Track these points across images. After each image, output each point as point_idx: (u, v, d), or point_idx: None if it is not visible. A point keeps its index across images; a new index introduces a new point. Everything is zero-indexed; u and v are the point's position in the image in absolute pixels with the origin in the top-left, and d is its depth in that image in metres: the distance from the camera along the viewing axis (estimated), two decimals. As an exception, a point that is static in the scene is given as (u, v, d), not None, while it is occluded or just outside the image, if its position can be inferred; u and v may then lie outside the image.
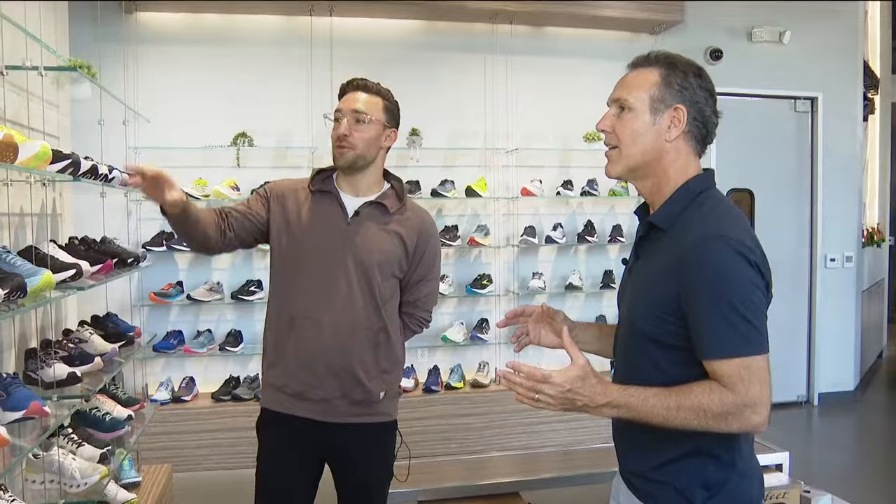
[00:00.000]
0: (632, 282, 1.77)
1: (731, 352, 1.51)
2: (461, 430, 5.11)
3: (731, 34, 6.00)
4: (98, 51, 4.57)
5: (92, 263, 2.72)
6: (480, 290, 5.37)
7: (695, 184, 1.68)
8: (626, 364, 1.74)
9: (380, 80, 5.23)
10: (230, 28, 5.14)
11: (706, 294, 1.53)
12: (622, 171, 1.72)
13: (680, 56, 1.70)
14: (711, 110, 1.69)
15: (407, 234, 2.43)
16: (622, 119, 1.68)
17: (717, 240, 1.55)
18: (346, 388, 2.36)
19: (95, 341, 2.93)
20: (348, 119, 2.35)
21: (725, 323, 1.51)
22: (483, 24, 5.45)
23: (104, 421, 3.05)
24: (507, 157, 5.54)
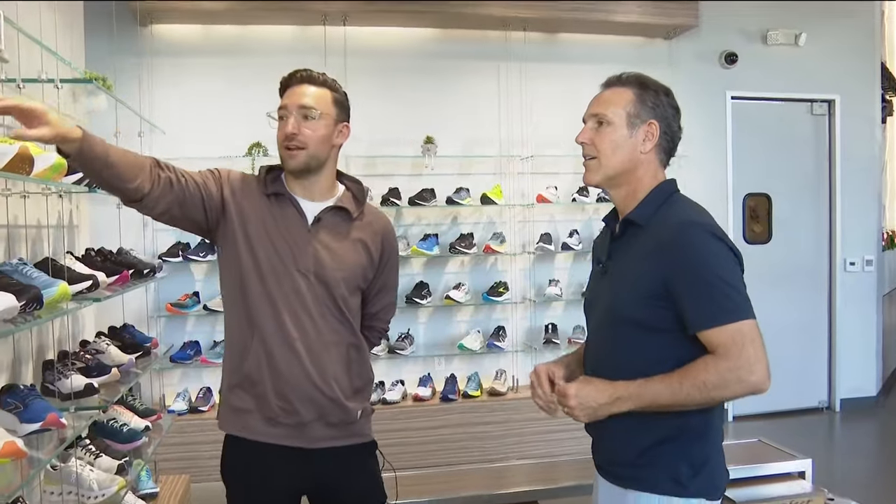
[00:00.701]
0: (609, 280, 1.88)
1: (724, 319, 1.65)
2: (479, 439, 5.08)
3: (746, 37, 5.96)
4: (113, 63, 4.61)
5: (108, 274, 2.72)
6: (497, 298, 5.34)
7: (666, 186, 1.86)
8: (611, 366, 1.80)
9: (394, 87, 5.29)
10: (244, 39, 5.17)
11: (692, 271, 1.68)
12: (601, 180, 1.86)
13: (649, 77, 1.87)
14: (678, 126, 1.88)
15: (371, 241, 2.24)
16: (601, 132, 1.83)
17: (694, 225, 1.73)
18: (322, 409, 2.14)
19: (112, 352, 2.94)
20: (295, 116, 2.10)
21: (715, 293, 1.66)
22: (496, 32, 5.44)
23: (122, 432, 3.04)
24: (522, 164, 5.52)
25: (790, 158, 6.18)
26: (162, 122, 4.84)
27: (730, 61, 5.86)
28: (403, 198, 5.21)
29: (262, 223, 2.13)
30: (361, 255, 2.21)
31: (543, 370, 1.89)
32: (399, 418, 4.99)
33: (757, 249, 6.07)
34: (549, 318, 5.55)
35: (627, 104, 1.82)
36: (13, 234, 2.83)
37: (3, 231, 2.72)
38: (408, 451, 4.91)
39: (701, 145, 5.69)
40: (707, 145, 5.80)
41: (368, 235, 2.23)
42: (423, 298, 5.20)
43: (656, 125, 1.82)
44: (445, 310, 5.43)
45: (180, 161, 4.82)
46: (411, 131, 5.30)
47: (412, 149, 5.31)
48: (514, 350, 5.47)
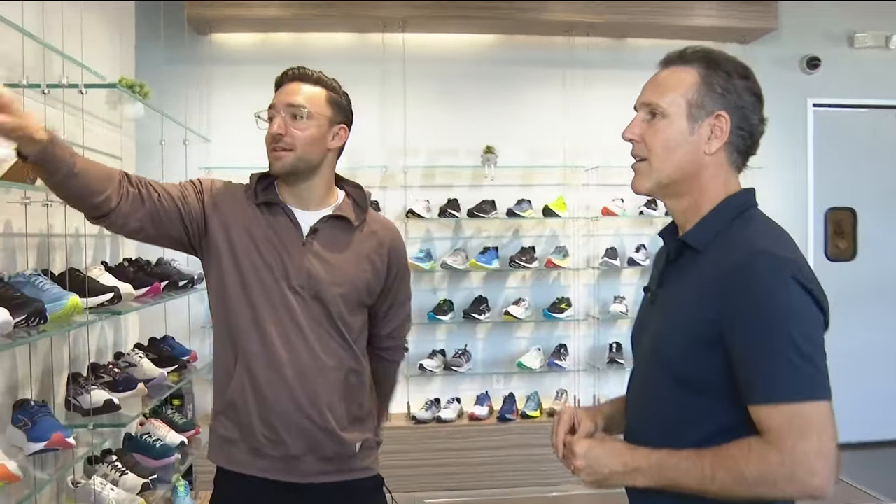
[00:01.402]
0: (656, 312, 1.51)
1: (782, 396, 1.26)
2: (537, 461, 4.84)
3: (830, 40, 5.58)
4: (172, 72, 4.61)
5: (139, 286, 2.63)
6: (559, 315, 5.12)
7: (736, 200, 1.45)
8: (645, 415, 1.48)
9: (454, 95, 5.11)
10: (301, 47, 5.09)
11: (754, 322, 1.29)
12: (652, 187, 1.49)
13: (722, 53, 1.47)
14: (758, 118, 1.46)
15: (376, 252, 2.05)
16: (654, 126, 1.46)
17: (766, 257, 1.31)
18: (314, 441, 1.95)
19: (144, 366, 2.86)
20: (283, 115, 1.94)
21: (778, 359, 1.26)
22: (560, 37, 5.23)
23: (154, 447, 2.96)
24: (586, 175, 5.29)
25: (878, 170, 5.75)
26: (218, 131, 4.83)
27: (812, 66, 5.49)
28: (463, 209, 5.05)
29: (248, 235, 1.95)
30: (364, 268, 2.03)
31: (568, 414, 1.57)
32: (455, 437, 4.82)
33: (840, 267, 5.67)
34: (613, 336, 5.28)
35: (689, 90, 1.43)
36: (51, 244, 2.77)
37: (36, 240, 2.66)
38: (463, 471, 4.76)
39: (779, 156, 5.35)
40: (786, 156, 5.45)
41: (372, 246, 2.06)
42: (482, 314, 5.02)
43: (726, 118, 1.42)
44: (504, 326, 5.23)
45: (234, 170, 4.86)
46: (471, 141, 5.14)
47: (472, 159, 5.14)
48: (575, 369, 5.23)
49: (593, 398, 5.19)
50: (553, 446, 1.54)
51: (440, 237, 5.19)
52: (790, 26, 5.40)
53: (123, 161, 3.56)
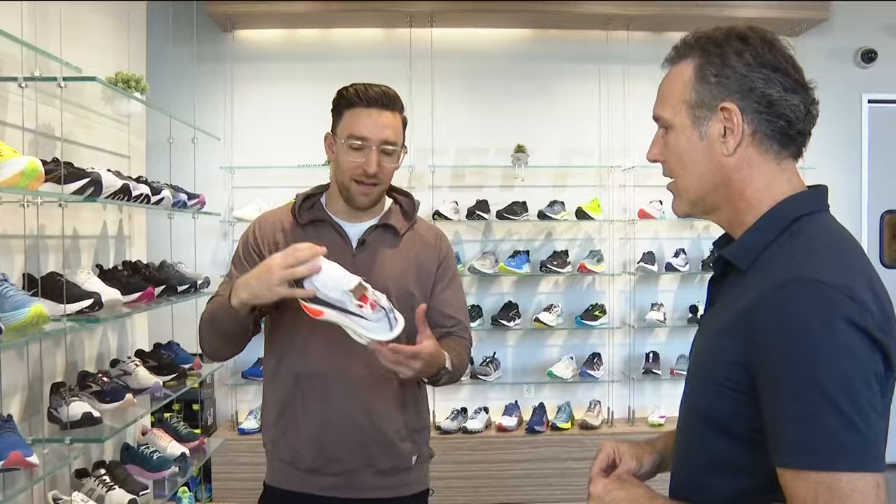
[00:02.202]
0: (698, 341, 1.30)
1: (810, 462, 1.01)
2: (567, 476, 4.63)
3: (887, 31, 5.21)
4: (191, 70, 4.52)
5: (131, 291, 2.49)
6: (592, 322, 4.88)
7: (788, 206, 1.18)
8: (685, 456, 1.27)
9: (484, 92, 4.90)
10: (328, 43, 4.97)
11: (781, 366, 1.04)
12: (687, 209, 1.28)
13: (717, 31, 1.22)
14: (783, 88, 1.17)
15: (426, 257, 2.04)
16: (667, 142, 1.25)
17: (805, 287, 1.04)
18: (371, 455, 1.94)
19: (139, 374, 2.72)
20: (377, 152, 1.89)
21: (809, 416, 1.01)
22: (597, 31, 4.99)
23: (151, 459, 2.83)
24: (623, 176, 5.04)
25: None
26: (243, 129, 4.74)
27: (867, 59, 5.15)
28: (492, 211, 4.84)
29: None
30: (415, 273, 2.01)
31: (607, 449, 1.40)
32: (481, 449, 4.62)
33: (895, 274, 5.32)
34: (650, 345, 5.03)
35: (685, 89, 1.21)
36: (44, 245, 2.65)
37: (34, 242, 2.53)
38: (489, 484, 4.57)
39: (831, 155, 5.03)
40: (839, 155, 5.13)
41: (422, 252, 2.04)
42: (511, 321, 4.81)
43: (733, 107, 1.17)
44: (535, 333, 5.01)
45: (260, 169, 4.76)
46: (502, 139, 4.94)
47: (503, 158, 4.94)
48: (610, 380, 4.98)
49: (628, 410, 4.95)
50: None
51: (469, 240, 4.99)
52: (843, 17, 5.08)
53: (131, 160, 3.44)
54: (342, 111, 1.94)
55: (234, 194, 4.80)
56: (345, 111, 1.93)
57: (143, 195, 2.70)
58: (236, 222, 4.71)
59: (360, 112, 1.90)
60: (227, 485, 4.47)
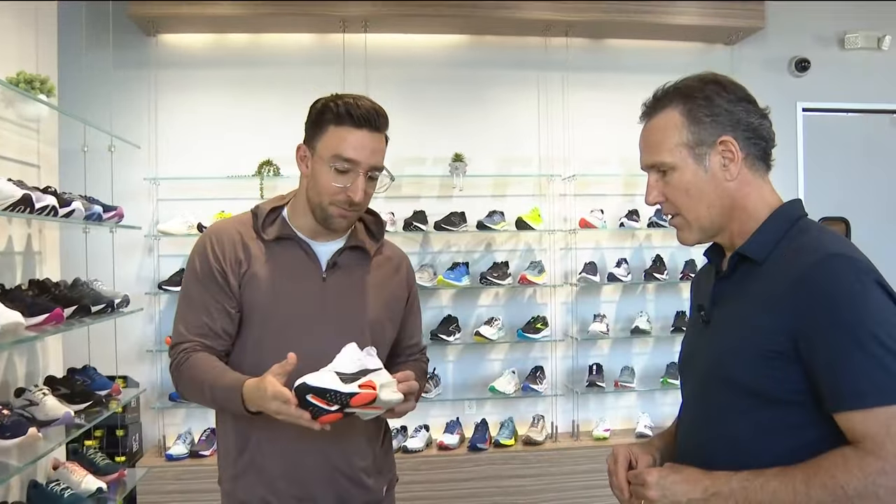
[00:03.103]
0: (713, 332, 1.46)
1: (878, 398, 1.20)
2: (511, 494, 4.50)
3: (819, 41, 5.27)
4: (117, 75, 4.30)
5: (36, 313, 2.26)
6: (534, 335, 4.76)
7: (788, 210, 1.45)
8: (707, 436, 1.43)
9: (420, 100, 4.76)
10: (258, 48, 4.76)
11: (838, 324, 1.24)
12: (699, 238, 1.48)
13: (688, 79, 1.45)
14: (758, 115, 1.44)
15: (396, 286, 1.93)
16: (669, 183, 1.45)
17: (844, 259, 1.28)
18: (343, 492, 1.83)
19: (48, 404, 2.49)
20: (364, 178, 1.74)
21: (867, 360, 1.21)
22: (535, 38, 4.90)
23: (61, 498, 2.59)
24: (563, 185, 4.95)
25: (871, 178, 5.44)
26: (167, 137, 4.51)
27: (801, 68, 5.18)
28: (430, 222, 4.70)
29: (260, 273, 1.80)
30: (388, 299, 1.90)
31: (623, 452, 1.52)
32: (422, 469, 4.45)
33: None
34: (593, 357, 4.93)
35: (680, 132, 1.41)
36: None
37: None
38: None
39: (768, 163, 5.04)
40: (775, 163, 5.13)
41: (392, 275, 1.93)
42: (451, 335, 4.66)
43: (730, 140, 1.41)
44: (476, 348, 4.86)
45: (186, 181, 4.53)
46: (439, 148, 4.81)
47: (440, 168, 4.81)
48: (553, 394, 4.86)
49: (572, 424, 4.84)
50: (614, 488, 1.48)
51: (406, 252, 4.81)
52: (778, 26, 5.09)
53: (41, 169, 3.19)
54: (325, 125, 1.76)
55: (158, 207, 4.55)
56: (329, 126, 1.75)
57: (49, 207, 2.47)
58: (161, 236, 4.46)
59: (348, 132, 1.73)
60: (153, 516, 4.21)
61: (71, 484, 2.72)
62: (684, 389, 1.59)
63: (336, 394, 1.52)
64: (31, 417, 2.44)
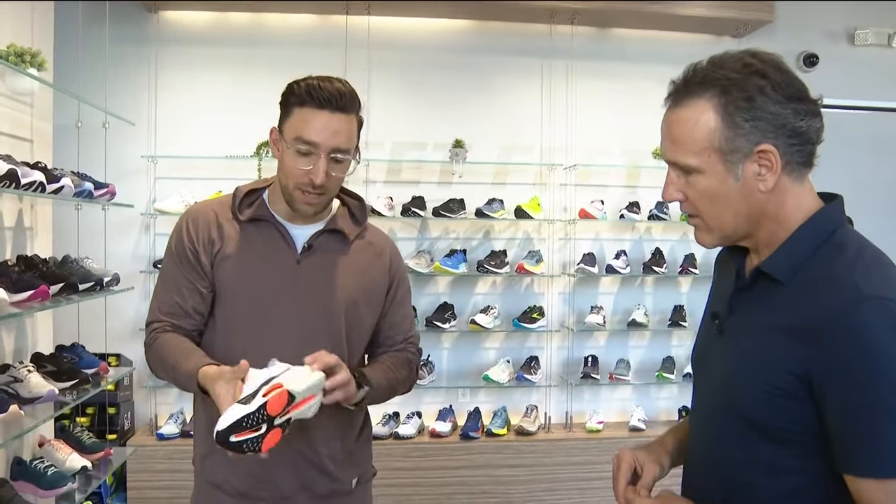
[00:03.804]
0: (727, 344, 1.32)
1: (892, 470, 1.09)
2: (503, 484, 4.49)
3: (829, 36, 5.19)
4: (118, 52, 4.25)
5: (21, 289, 2.24)
6: (530, 325, 4.73)
7: (819, 221, 1.25)
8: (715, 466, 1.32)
9: (422, 85, 4.68)
10: (260, 28, 4.71)
11: (860, 382, 1.10)
12: (719, 242, 1.32)
13: (727, 62, 1.22)
14: (807, 114, 1.21)
15: (377, 272, 1.90)
16: (692, 184, 1.26)
17: (876, 306, 1.12)
18: (307, 479, 1.81)
19: (32, 381, 2.46)
20: (325, 160, 1.71)
21: (885, 427, 1.09)
22: (540, 25, 4.84)
23: (44, 476, 2.58)
24: (564, 175, 4.90)
25: (879, 177, 5.37)
26: (166, 115, 4.47)
27: (809, 64, 5.11)
28: (428, 208, 4.66)
29: (233, 254, 1.79)
30: (366, 283, 1.87)
31: (627, 460, 1.41)
32: (413, 456, 4.44)
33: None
34: (589, 349, 4.90)
35: (712, 136, 1.20)
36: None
37: None
38: (421, 492, 4.40)
39: (773, 159, 4.99)
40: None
41: (373, 259, 1.90)
42: (447, 322, 4.63)
43: (772, 150, 1.19)
44: (471, 336, 4.84)
45: (183, 160, 4.51)
46: (440, 134, 4.76)
47: (440, 153, 4.76)
48: (547, 384, 4.84)
49: (566, 415, 4.82)
50: (616, 495, 1.40)
51: (403, 238, 4.79)
52: (787, 20, 5.02)
53: (35, 144, 3.16)
54: (291, 108, 1.74)
55: (156, 185, 4.52)
56: (294, 108, 1.73)
57: (36, 183, 2.44)
58: (158, 215, 4.43)
59: (310, 113, 1.70)
60: (143, 493, 4.20)
61: (55, 461, 2.71)
62: (696, 392, 1.46)
63: (249, 416, 1.45)
64: (15, 394, 2.42)
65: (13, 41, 2.79)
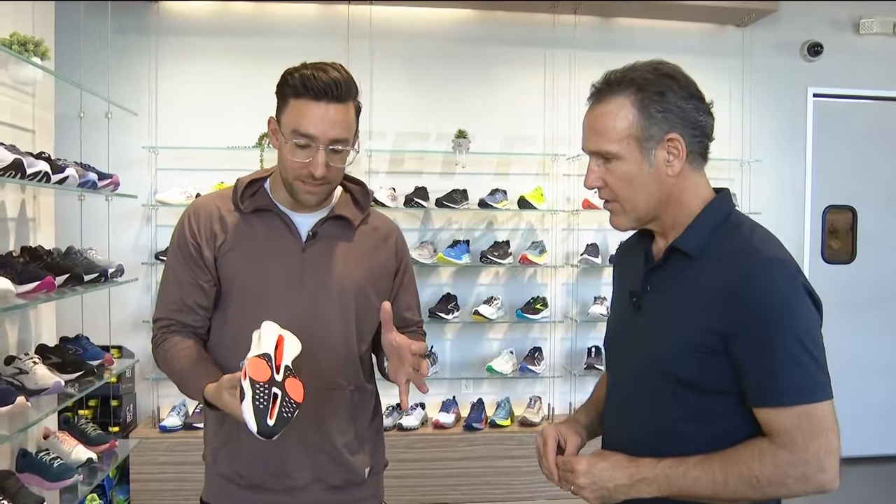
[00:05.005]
0: (646, 320, 1.50)
1: (793, 397, 1.32)
2: (506, 475, 4.48)
3: (833, 26, 5.17)
4: (119, 42, 4.22)
5: (26, 280, 2.22)
6: (533, 316, 4.72)
7: (719, 205, 1.48)
8: (637, 420, 1.49)
9: (425, 75, 4.62)
10: (262, 18, 4.68)
11: (765, 327, 1.32)
12: (632, 225, 1.51)
13: (645, 65, 1.44)
14: (705, 112, 1.45)
15: (384, 256, 1.88)
16: (611, 170, 1.45)
17: (779, 265, 1.36)
18: (320, 469, 1.79)
19: (38, 373, 2.45)
20: (324, 152, 1.67)
21: (787, 362, 1.32)
22: (543, 15, 4.82)
23: (50, 468, 2.56)
24: (567, 165, 4.89)
25: (881, 166, 5.36)
26: (167, 106, 4.45)
27: (813, 53, 5.09)
28: (431, 198, 4.64)
29: (239, 246, 1.78)
30: (372, 269, 1.85)
31: (552, 434, 1.58)
32: (416, 447, 4.43)
33: (837, 269, 5.30)
34: (592, 340, 4.89)
35: (630, 125, 1.41)
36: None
37: None
38: (425, 483, 4.39)
39: (776, 149, 4.98)
40: (783, 149, 5.08)
41: (378, 245, 1.89)
42: (450, 313, 4.62)
43: (679, 139, 1.42)
44: (474, 327, 4.83)
45: (184, 151, 4.48)
46: (443, 124, 4.75)
47: (443, 144, 4.74)
48: (551, 375, 4.84)
49: (569, 406, 4.81)
50: (544, 470, 1.55)
51: (406, 228, 4.72)
52: (791, 9, 5.00)
53: (37, 134, 3.13)
54: (287, 98, 1.70)
55: (157, 176, 4.50)
56: (290, 100, 1.69)
57: (41, 173, 2.42)
58: (159, 206, 4.41)
59: (305, 105, 1.66)
60: (146, 486, 4.19)
61: (61, 453, 2.70)
62: (611, 371, 1.62)
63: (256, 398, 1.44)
64: (21, 386, 2.41)
65: (15, 29, 2.77)
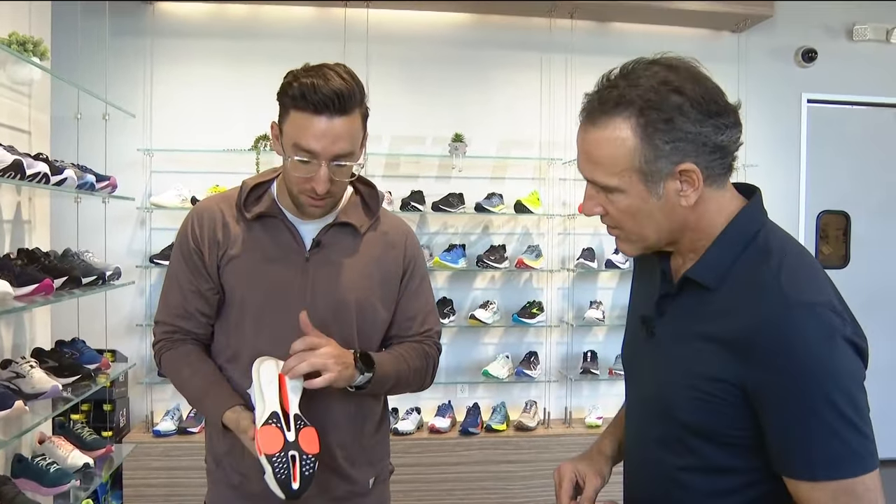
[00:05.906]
0: (658, 349, 1.30)
1: (826, 472, 1.11)
2: (502, 479, 4.47)
3: (827, 32, 5.20)
4: (115, 44, 4.19)
5: (24, 283, 2.20)
6: (529, 320, 4.71)
7: (744, 221, 1.23)
8: (658, 470, 1.30)
9: (421, 79, 4.62)
10: (257, 20, 4.67)
11: (794, 390, 1.10)
12: (643, 252, 1.30)
13: (643, 79, 1.18)
14: (729, 126, 1.18)
15: (390, 262, 1.79)
16: (611, 200, 1.22)
17: (806, 311, 1.11)
18: (323, 481, 1.71)
19: (35, 377, 2.42)
20: (326, 168, 1.59)
21: (822, 431, 1.10)
22: (539, 19, 4.82)
23: (46, 473, 2.53)
24: (564, 169, 4.89)
25: (874, 172, 5.39)
26: (162, 108, 4.43)
27: (808, 59, 5.12)
28: (427, 202, 4.63)
29: (241, 252, 1.72)
30: (378, 279, 1.77)
31: (569, 474, 1.39)
32: (412, 452, 4.41)
33: (830, 274, 5.25)
34: (588, 344, 4.89)
35: (631, 157, 1.17)
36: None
37: None
38: (420, 488, 4.37)
39: (771, 154, 4.99)
40: (778, 154, 5.09)
41: (386, 251, 1.79)
42: (446, 317, 4.61)
43: (693, 168, 1.16)
44: (470, 331, 4.82)
45: (180, 153, 4.45)
46: (439, 128, 4.74)
47: (440, 147, 4.73)
48: (546, 380, 4.83)
49: (565, 411, 4.81)
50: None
51: (403, 232, 4.76)
52: (786, 15, 5.03)
53: (33, 135, 3.10)
54: (287, 107, 1.61)
55: (152, 179, 4.47)
56: (290, 110, 1.60)
57: (40, 174, 2.40)
58: (154, 209, 4.38)
59: (306, 119, 1.57)
60: (139, 491, 4.16)
61: (57, 458, 2.67)
62: (629, 394, 1.44)
63: (275, 467, 1.49)
64: (18, 390, 2.38)
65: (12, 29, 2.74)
